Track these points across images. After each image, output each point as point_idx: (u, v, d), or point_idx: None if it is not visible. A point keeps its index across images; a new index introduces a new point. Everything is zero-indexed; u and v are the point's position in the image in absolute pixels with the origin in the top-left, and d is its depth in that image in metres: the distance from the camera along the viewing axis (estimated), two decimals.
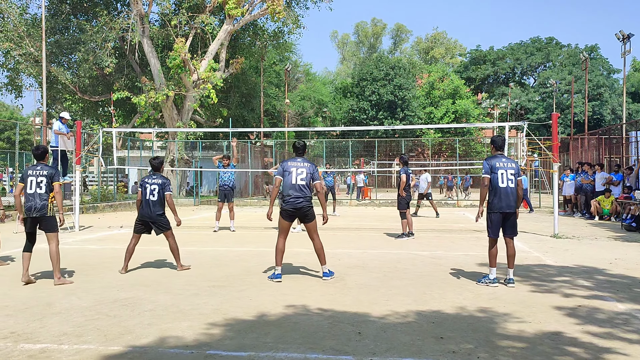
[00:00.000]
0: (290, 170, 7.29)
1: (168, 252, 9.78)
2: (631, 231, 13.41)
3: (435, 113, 49.87)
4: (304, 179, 7.25)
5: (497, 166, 6.88)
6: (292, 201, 7.23)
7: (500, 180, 6.83)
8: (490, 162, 6.95)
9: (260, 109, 37.12)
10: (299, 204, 7.21)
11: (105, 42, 27.29)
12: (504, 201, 6.82)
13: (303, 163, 7.36)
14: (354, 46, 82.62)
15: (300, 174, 7.25)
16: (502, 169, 6.86)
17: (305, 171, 7.28)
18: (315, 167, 7.43)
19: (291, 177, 7.26)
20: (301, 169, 7.29)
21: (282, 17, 27.95)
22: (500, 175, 6.84)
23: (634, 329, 4.98)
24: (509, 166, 6.91)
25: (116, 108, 32.70)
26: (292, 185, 7.24)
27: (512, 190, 6.83)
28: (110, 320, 5.27)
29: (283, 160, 7.52)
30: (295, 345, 4.53)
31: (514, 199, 6.86)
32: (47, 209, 7.07)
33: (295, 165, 7.33)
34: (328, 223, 7.96)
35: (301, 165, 7.32)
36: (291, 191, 7.24)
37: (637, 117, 49.33)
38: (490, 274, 6.95)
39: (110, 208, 21.26)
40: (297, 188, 7.22)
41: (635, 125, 20.85)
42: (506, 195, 6.81)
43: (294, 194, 7.22)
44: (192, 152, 31.25)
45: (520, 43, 60.27)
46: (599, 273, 7.77)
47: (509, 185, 6.83)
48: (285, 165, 7.37)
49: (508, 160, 7.02)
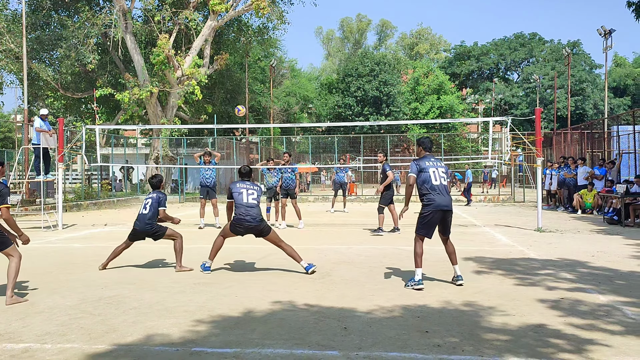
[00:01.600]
0: (241, 191, 7.58)
1: (153, 250, 9.73)
2: (613, 224, 13.59)
3: (420, 109, 50.05)
4: (255, 198, 7.57)
5: (427, 165, 6.63)
6: (243, 221, 7.45)
7: (433, 178, 6.56)
8: (418, 162, 6.70)
9: (245, 105, 36.99)
10: (250, 223, 7.43)
11: (88, 38, 26.97)
12: (441, 199, 6.53)
13: (253, 187, 7.70)
14: (339, 42, 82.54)
15: (252, 194, 7.58)
16: (433, 167, 6.61)
17: (255, 193, 7.63)
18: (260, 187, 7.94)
19: (242, 197, 7.52)
20: (251, 190, 7.63)
21: (267, 13, 27.82)
22: (432, 173, 6.58)
23: (615, 321, 5.05)
24: (439, 165, 6.71)
25: (99, 105, 32.34)
26: (244, 204, 7.49)
27: (445, 188, 6.62)
28: (95, 319, 5.23)
29: (232, 182, 7.88)
30: (281, 341, 4.53)
31: (449, 196, 6.66)
32: None
33: (245, 187, 7.64)
34: (314, 219, 7.98)
35: (251, 187, 7.66)
36: (242, 210, 7.46)
37: (619, 112, 49.95)
38: (416, 275, 6.47)
39: (95, 206, 21.06)
40: (248, 206, 7.48)
41: (617, 120, 21.13)
42: (442, 193, 6.56)
43: (245, 213, 7.44)
44: (177, 149, 31.06)
45: (503, 39, 60.67)
46: (581, 266, 7.87)
47: (442, 182, 6.60)
48: (234, 187, 7.66)
49: (437, 160, 6.81)
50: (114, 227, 14.13)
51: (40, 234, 12.25)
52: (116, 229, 13.70)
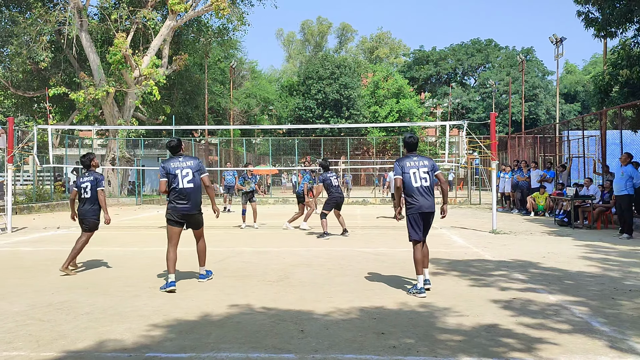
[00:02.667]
0: (175, 173, 6.66)
1: (106, 253, 9.50)
2: (563, 226, 14.06)
3: (380, 112, 50.57)
4: (191, 180, 6.67)
5: (408, 166, 6.50)
6: (179, 207, 6.68)
7: (413, 180, 6.45)
8: (400, 163, 6.56)
9: (204, 106, 36.55)
10: (189, 210, 6.71)
11: (40, 35, 26.11)
12: (423, 201, 6.41)
13: (186, 161, 6.74)
14: (300, 44, 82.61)
15: (186, 176, 6.67)
16: (414, 168, 6.48)
17: (190, 171, 6.69)
18: (199, 160, 6.93)
19: (177, 180, 6.64)
20: (186, 169, 6.69)
21: (227, 14, 27.56)
22: (413, 175, 6.46)
23: (563, 319, 5.22)
24: (422, 164, 6.53)
25: (53, 104, 31.38)
26: (180, 189, 6.65)
27: (428, 189, 6.46)
28: (44, 325, 5.07)
29: (164, 161, 6.84)
30: (237, 345, 4.49)
31: (432, 198, 6.50)
32: None
33: (178, 165, 6.70)
34: (275, 222, 7.92)
35: (185, 165, 6.71)
36: (179, 195, 6.66)
37: (569, 117, 51.70)
38: (418, 282, 6.36)
39: (47, 208, 20.42)
40: (185, 192, 6.65)
41: (568, 125, 21.86)
42: (423, 195, 6.42)
43: (183, 199, 6.66)
44: (134, 150, 30.43)
45: (461, 44, 61.95)
46: (533, 266, 8.10)
47: (422, 184, 6.44)
48: (167, 167, 6.69)
49: (420, 158, 6.63)
50: (68, 230, 13.72)
51: None
52: (70, 231, 13.31)
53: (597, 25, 15.92)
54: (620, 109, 15.14)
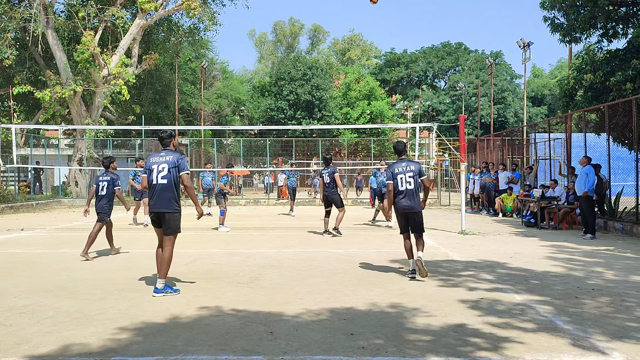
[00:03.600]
0: (152, 168, 6.38)
1: (73, 255, 9.31)
2: (530, 227, 14.34)
3: (352, 114, 50.80)
4: (165, 176, 6.33)
5: (397, 172, 7.45)
6: (151, 204, 6.40)
7: (400, 184, 7.40)
8: (392, 169, 7.54)
9: (175, 107, 36.16)
10: (157, 208, 6.34)
11: (4, 32, 25.43)
12: (405, 203, 7.39)
13: (166, 156, 6.41)
14: (272, 45, 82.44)
15: (162, 171, 6.33)
16: (401, 174, 7.42)
17: (166, 166, 6.34)
18: (181, 156, 6.47)
19: (152, 176, 6.37)
20: (162, 164, 6.35)
21: (198, 14, 27.32)
22: (400, 180, 7.41)
23: (529, 319, 5.32)
24: (408, 169, 7.43)
25: (17, 103, 30.61)
26: (152, 185, 6.36)
27: (411, 192, 7.38)
28: (5, 330, 4.93)
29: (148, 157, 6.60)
30: (206, 347, 4.45)
31: (415, 199, 7.40)
32: None
33: (156, 161, 6.41)
34: (246, 223, 7.88)
35: (162, 160, 6.39)
36: (152, 192, 6.38)
37: (536, 120, 52.79)
38: (410, 265, 7.46)
39: (11, 210, 19.90)
40: (156, 188, 6.33)
41: (535, 127, 22.31)
42: (405, 197, 7.38)
43: (154, 196, 6.36)
44: (103, 151, 29.89)
45: (432, 47, 62.72)
46: (500, 267, 8.24)
47: (407, 188, 7.38)
48: (147, 162, 6.45)
49: (408, 163, 7.53)
50: (32, 231, 13.41)
51: None
52: (34, 233, 13.01)
53: (562, 30, 16.29)
54: (585, 112, 15.54)
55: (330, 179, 12.10)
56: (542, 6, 16.44)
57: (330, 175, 12.12)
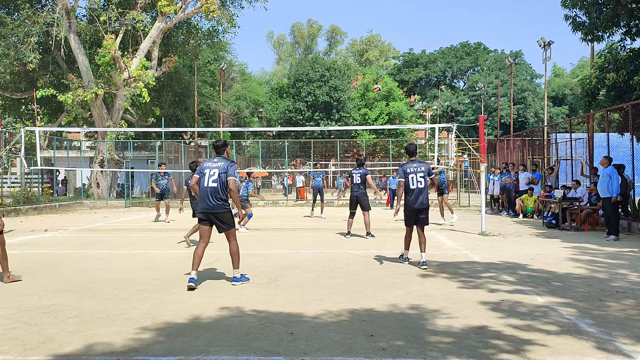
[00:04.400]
0: (204, 172, 6.96)
1: (95, 256, 9.43)
2: (551, 228, 14.16)
3: (370, 114, 50.69)
4: (215, 180, 6.86)
5: (409, 171, 8.32)
6: (200, 205, 6.94)
7: (411, 183, 8.28)
8: (403, 168, 8.40)
9: (194, 109, 36.45)
10: (210, 208, 6.88)
11: (28, 36, 25.90)
12: (415, 200, 8.30)
13: (218, 162, 6.99)
14: (290, 47, 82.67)
15: (212, 176, 6.88)
16: (412, 173, 8.29)
17: (217, 172, 6.89)
18: (232, 164, 7.00)
19: (203, 180, 6.93)
20: (214, 169, 6.92)
21: (217, 16, 27.52)
22: (411, 179, 8.29)
23: (552, 321, 5.25)
24: (419, 170, 8.32)
25: (41, 106, 31.13)
26: (203, 188, 6.91)
27: (421, 190, 8.31)
28: (30, 329, 5.02)
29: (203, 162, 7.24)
30: (227, 348, 4.48)
31: (424, 197, 8.35)
32: None
33: (209, 166, 6.99)
34: (265, 224, 7.95)
35: (214, 166, 6.96)
36: (202, 194, 6.92)
37: (557, 120, 52.14)
38: (405, 254, 8.66)
39: (35, 211, 20.24)
40: (207, 191, 6.87)
41: (555, 127, 22.03)
42: (416, 195, 8.29)
43: (204, 198, 6.89)
44: (123, 153, 30.25)
45: (450, 47, 62.30)
46: (521, 268, 8.15)
47: (418, 187, 8.29)
48: (201, 167, 7.06)
49: (419, 164, 8.45)
50: (55, 232, 13.63)
51: None
52: (57, 234, 13.22)
53: (584, 29, 16.06)
54: (607, 112, 15.30)
55: (361, 180, 12.07)
56: (563, 4, 16.23)
57: (362, 176, 12.06)
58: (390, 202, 22.16)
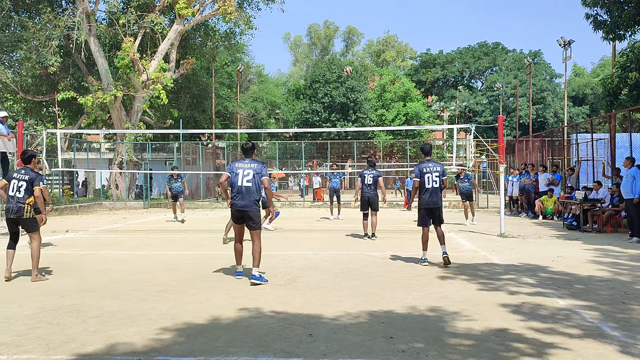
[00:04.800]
0: (237, 172, 7.30)
1: (114, 257, 9.54)
2: (572, 230, 13.97)
3: (387, 115, 50.57)
4: (250, 180, 7.23)
5: (425, 171, 8.48)
6: (237, 203, 7.26)
7: (426, 182, 8.45)
8: (419, 168, 8.57)
9: (211, 110, 36.68)
10: (243, 207, 7.22)
11: (49, 40, 26.32)
12: (430, 199, 8.48)
13: (250, 164, 7.36)
14: (307, 48, 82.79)
15: (247, 176, 7.25)
16: (429, 173, 8.45)
17: (252, 172, 7.27)
18: (263, 165, 7.44)
19: (237, 179, 7.26)
20: (248, 170, 7.30)
21: (234, 18, 27.69)
22: (427, 178, 8.44)
23: (574, 324, 5.18)
24: (434, 170, 8.49)
25: (61, 108, 31.59)
26: (238, 187, 7.25)
27: (435, 190, 8.48)
28: (53, 328, 5.08)
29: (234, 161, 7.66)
30: (246, 349, 4.49)
31: (438, 196, 8.53)
32: (24, 211, 7.47)
33: (242, 166, 7.34)
34: (282, 225, 7.97)
35: (248, 167, 7.33)
36: (237, 193, 7.26)
37: (578, 120, 51.48)
38: (423, 255, 8.65)
39: (56, 212, 20.52)
40: (242, 190, 7.23)
41: (576, 128, 21.74)
42: (430, 194, 8.47)
43: (239, 196, 7.24)
44: (142, 154, 30.56)
45: (468, 47, 61.89)
46: (542, 270, 8.05)
47: (433, 186, 8.46)
48: (232, 166, 7.41)
49: (435, 164, 8.63)
50: (76, 233, 13.80)
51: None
52: (78, 235, 13.38)
53: (605, 27, 15.85)
54: (630, 111, 15.06)
55: (373, 181, 12.12)
56: (584, 3, 16.04)
57: (375, 177, 12.16)
58: (407, 203, 22.04)
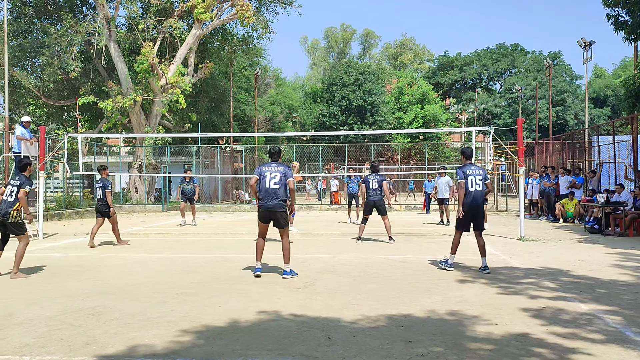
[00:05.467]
0: (265, 175, 7.74)
1: (134, 259, 9.62)
2: (594, 233, 13.75)
3: (404, 118, 50.35)
4: (277, 182, 7.66)
5: (468, 173, 8.26)
6: (265, 204, 7.68)
7: (470, 185, 8.21)
8: (464, 170, 8.32)
9: (229, 114, 36.89)
10: (271, 207, 7.66)
11: (71, 45, 26.73)
12: (473, 201, 8.19)
13: (277, 167, 7.80)
14: (324, 51, 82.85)
15: (274, 178, 7.68)
16: (472, 175, 8.25)
17: (278, 175, 7.69)
18: (289, 168, 7.88)
19: (265, 182, 7.70)
20: (275, 173, 7.73)
21: (252, 22, 27.85)
22: (470, 181, 8.21)
23: (597, 329, 5.10)
24: (477, 173, 8.32)
25: (82, 113, 32.02)
26: (265, 189, 7.69)
27: (479, 193, 8.23)
28: (75, 330, 5.15)
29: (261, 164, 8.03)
30: (265, 352, 4.49)
31: (481, 200, 8.29)
32: (10, 215, 7.79)
33: (269, 169, 7.78)
34: (299, 228, 8.02)
35: (275, 170, 7.76)
36: (265, 195, 7.69)
37: (599, 122, 50.72)
38: (450, 259, 8.40)
39: (76, 215, 20.80)
40: (270, 192, 7.66)
41: (597, 130, 21.44)
42: (474, 197, 8.20)
43: (267, 198, 7.68)
44: (161, 158, 30.85)
45: (486, 49, 61.40)
46: (563, 274, 7.94)
47: (476, 189, 8.22)
48: (260, 169, 7.87)
49: (477, 167, 8.44)
50: (96, 236, 13.94)
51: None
52: (98, 238, 13.52)
53: (627, 28, 15.62)
54: None
55: (378, 186, 12.07)
56: (605, 4, 15.82)
57: (379, 182, 12.11)
58: (426, 206, 21.90)
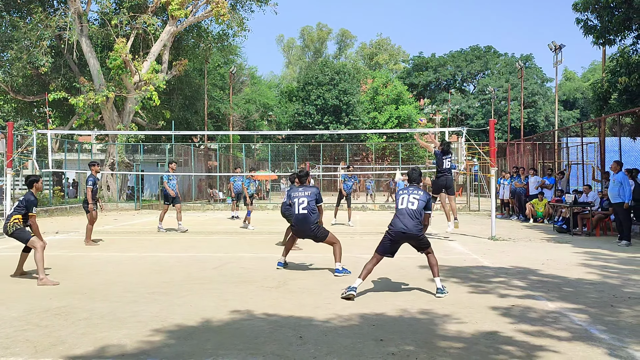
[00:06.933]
0: (294, 201, 8.05)
1: (105, 258, 9.47)
2: (562, 233, 14.04)
3: (379, 118, 50.61)
4: (305, 207, 7.92)
5: (401, 193, 6.90)
6: (296, 228, 8.12)
7: (400, 203, 6.81)
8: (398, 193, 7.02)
9: (204, 112, 36.59)
10: (302, 231, 8.03)
11: (41, 40, 26.12)
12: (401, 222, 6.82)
13: (305, 192, 8.06)
14: (300, 50, 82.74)
15: (302, 204, 7.94)
16: (405, 195, 6.82)
17: (305, 200, 7.95)
18: (317, 191, 8.13)
19: (294, 208, 8.01)
20: (302, 198, 7.98)
21: (227, 20, 27.64)
22: (402, 199, 6.80)
23: (563, 327, 5.21)
24: (413, 193, 6.81)
25: (52, 109, 31.39)
26: (295, 215, 8.01)
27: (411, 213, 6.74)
28: (41, 331, 5.05)
29: (291, 189, 8.47)
30: (236, 351, 4.48)
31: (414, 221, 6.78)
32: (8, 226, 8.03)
33: (297, 195, 8.05)
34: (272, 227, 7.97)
35: (302, 195, 8.02)
36: (296, 221, 8.03)
37: (568, 124, 51.77)
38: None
39: (46, 213, 20.38)
40: (299, 217, 7.95)
41: (566, 132, 21.89)
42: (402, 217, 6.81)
43: (298, 224, 8.01)
44: (134, 155, 30.44)
45: (460, 51, 62.08)
46: (532, 273, 8.09)
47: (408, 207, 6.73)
48: (290, 195, 8.21)
49: (415, 189, 6.91)
50: (66, 234, 13.71)
51: None
52: (68, 236, 13.29)
53: (595, 32, 15.97)
54: (619, 116, 15.18)
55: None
56: (575, 8, 16.15)
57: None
58: None
